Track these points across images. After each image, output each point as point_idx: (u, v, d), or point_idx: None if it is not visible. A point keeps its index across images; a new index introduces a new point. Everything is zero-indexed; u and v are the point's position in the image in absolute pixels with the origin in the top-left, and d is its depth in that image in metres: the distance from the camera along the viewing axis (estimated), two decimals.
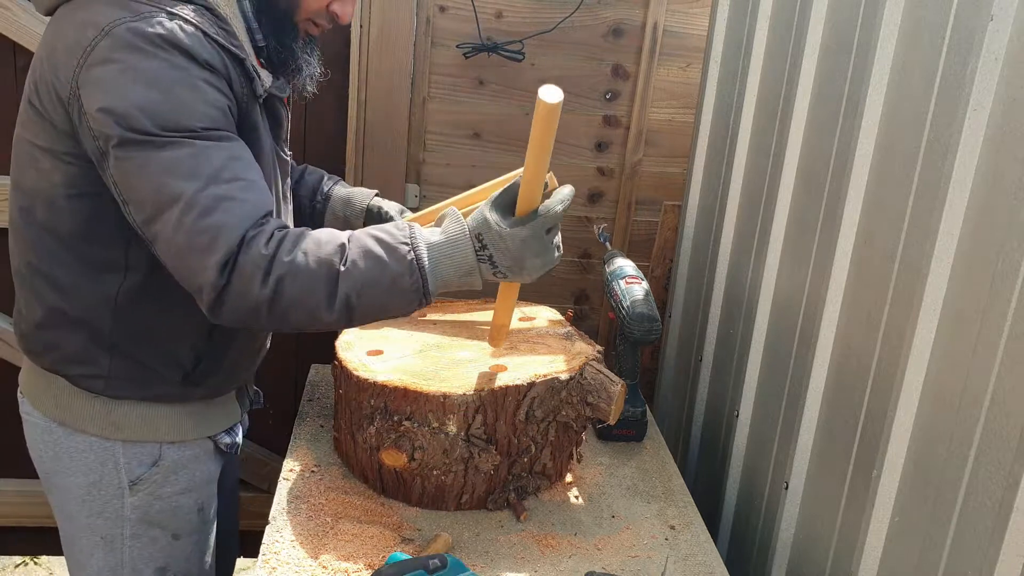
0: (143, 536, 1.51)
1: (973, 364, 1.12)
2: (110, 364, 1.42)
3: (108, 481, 1.47)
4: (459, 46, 2.26)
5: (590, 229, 2.44)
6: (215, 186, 1.22)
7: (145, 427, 1.47)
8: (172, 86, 1.23)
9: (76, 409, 1.45)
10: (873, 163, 1.39)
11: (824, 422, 1.51)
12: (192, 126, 1.23)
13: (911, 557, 1.23)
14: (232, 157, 1.26)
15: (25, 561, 2.99)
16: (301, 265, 1.23)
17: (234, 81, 1.31)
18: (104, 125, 1.22)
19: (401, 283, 1.27)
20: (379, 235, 1.29)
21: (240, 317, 1.26)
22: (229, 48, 1.31)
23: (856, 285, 1.43)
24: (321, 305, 1.25)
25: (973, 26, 1.14)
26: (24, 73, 2.15)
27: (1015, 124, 1.07)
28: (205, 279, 1.21)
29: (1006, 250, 1.07)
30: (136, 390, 1.45)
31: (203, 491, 1.56)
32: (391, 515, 1.56)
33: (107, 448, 1.46)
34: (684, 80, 2.37)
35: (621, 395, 1.58)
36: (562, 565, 1.47)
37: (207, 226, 1.20)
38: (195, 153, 1.22)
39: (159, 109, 1.21)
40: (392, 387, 1.52)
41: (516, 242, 1.32)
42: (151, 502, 1.50)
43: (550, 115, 1.29)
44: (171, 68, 1.23)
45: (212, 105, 1.26)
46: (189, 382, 1.47)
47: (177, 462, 1.51)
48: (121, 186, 1.25)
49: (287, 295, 1.23)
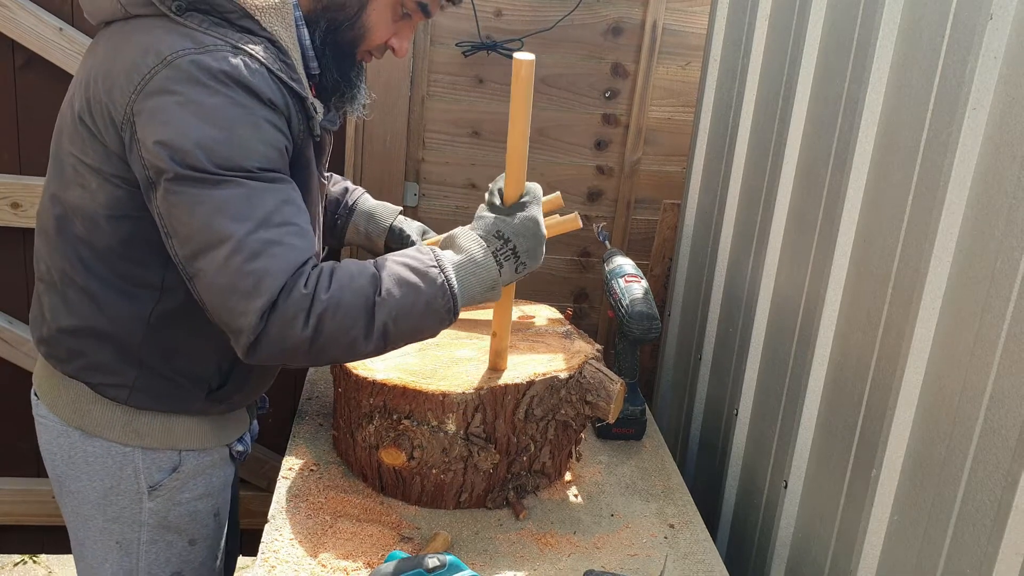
0: (159, 541, 1.51)
1: (972, 363, 1.12)
2: (136, 377, 1.42)
3: (126, 486, 1.47)
4: (458, 44, 2.26)
5: (589, 228, 2.44)
6: (265, 230, 1.21)
7: (165, 435, 1.47)
8: (233, 124, 1.21)
9: (96, 416, 1.44)
10: (872, 162, 1.39)
11: (823, 421, 1.52)
12: (249, 166, 1.22)
13: (910, 556, 1.23)
14: (284, 201, 1.25)
15: (24, 560, 3.00)
16: (339, 300, 1.23)
17: (293, 119, 1.30)
18: (158, 158, 1.20)
19: (434, 305, 1.29)
20: (408, 262, 1.30)
21: (276, 357, 1.25)
22: (291, 86, 1.29)
23: (855, 284, 1.43)
24: (360, 337, 1.25)
25: (972, 25, 1.14)
26: (23, 71, 2.15)
27: (1014, 123, 1.07)
28: (246, 322, 1.21)
29: (1005, 249, 1.07)
30: (160, 404, 1.45)
31: (219, 497, 1.57)
32: (390, 514, 1.56)
33: (126, 454, 1.46)
34: (683, 79, 2.37)
35: (620, 394, 1.58)
36: (561, 564, 1.47)
37: (253, 270, 1.19)
38: (248, 194, 1.21)
39: (217, 148, 1.20)
40: (391, 386, 1.52)
41: (532, 223, 1.37)
42: (169, 507, 1.50)
43: (527, 73, 1.34)
44: (233, 105, 1.21)
45: (270, 145, 1.25)
46: (213, 399, 1.48)
47: (196, 468, 1.51)
48: (167, 219, 1.24)
49: (327, 332, 1.23)
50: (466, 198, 2.41)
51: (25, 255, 2.30)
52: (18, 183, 2.20)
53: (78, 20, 2.13)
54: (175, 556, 1.53)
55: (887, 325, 1.32)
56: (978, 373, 1.11)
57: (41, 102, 2.18)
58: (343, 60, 1.42)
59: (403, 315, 1.27)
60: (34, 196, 2.20)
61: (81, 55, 2.11)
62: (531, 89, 1.38)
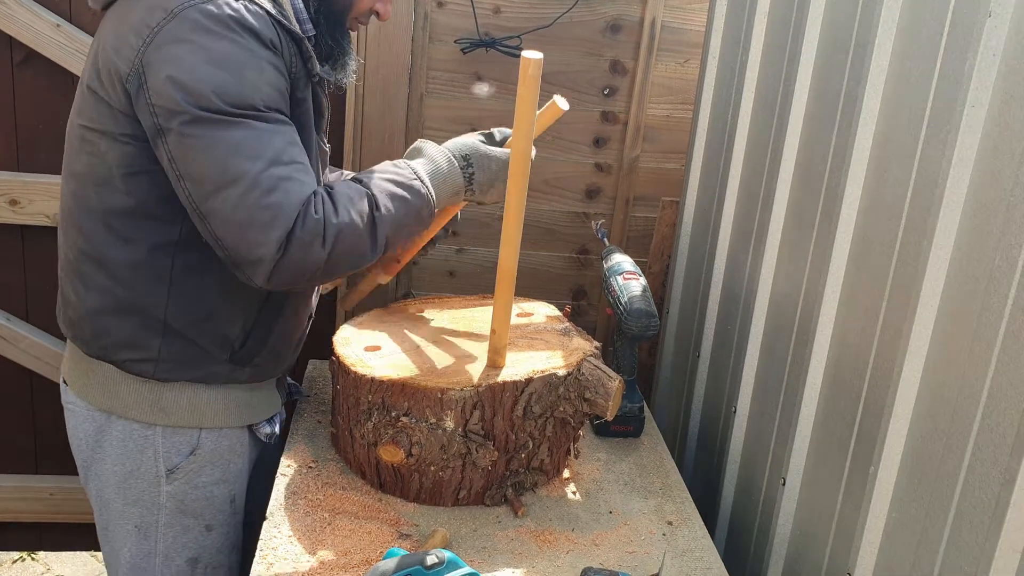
0: (176, 525, 1.54)
1: (970, 360, 1.13)
2: (160, 346, 1.46)
3: (146, 469, 1.51)
4: (457, 41, 2.26)
5: (588, 225, 2.44)
6: (276, 167, 1.29)
7: (191, 412, 1.51)
8: (241, 67, 1.29)
9: (124, 395, 1.49)
10: (871, 159, 1.39)
11: (821, 418, 1.52)
12: (257, 105, 1.30)
13: (908, 552, 1.24)
14: (289, 142, 1.34)
15: (23, 556, 3.00)
16: (348, 222, 1.35)
17: (288, 60, 1.38)
18: (170, 102, 1.27)
19: (422, 213, 1.45)
20: (392, 178, 1.43)
21: (293, 280, 1.35)
22: (289, 27, 1.37)
23: (853, 281, 1.43)
24: (367, 251, 1.39)
25: (971, 22, 1.14)
26: (20, 68, 2.15)
27: (1013, 120, 1.07)
28: (265, 252, 1.29)
29: (1003, 246, 1.07)
30: (185, 371, 1.49)
31: (236, 482, 1.60)
32: (388, 511, 1.56)
33: (147, 437, 1.50)
34: (682, 76, 2.37)
35: (619, 391, 1.59)
36: (559, 561, 1.47)
37: (269, 204, 1.28)
38: (258, 135, 1.29)
39: (229, 89, 1.27)
40: (390, 383, 1.52)
41: (499, 163, 1.53)
42: (187, 491, 1.53)
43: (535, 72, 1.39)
44: (240, 49, 1.29)
45: (273, 86, 1.33)
46: (236, 361, 1.52)
47: (213, 452, 1.54)
48: (179, 162, 1.30)
49: (340, 251, 1.34)
50: None
51: (24, 252, 2.30)
52: (16, 180, 2.20)
53: (76, 16, 2.13)
54: (192, 541, 1.56)
55: (885, 322, 1.32)
56: (976, 370, 1.11)
57: (38, 99, 2.18)
58: (335, 27, 1.50)
59: (399, 226, 1.42)
60: (32, 193, 2.20)
61: (79, 52, 2.11)
62: (538, 88, 1.40)
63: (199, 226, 1.33)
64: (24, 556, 3.00)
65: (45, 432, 2.44)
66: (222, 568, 1.61)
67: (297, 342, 1.68)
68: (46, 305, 2.34)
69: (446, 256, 2.45)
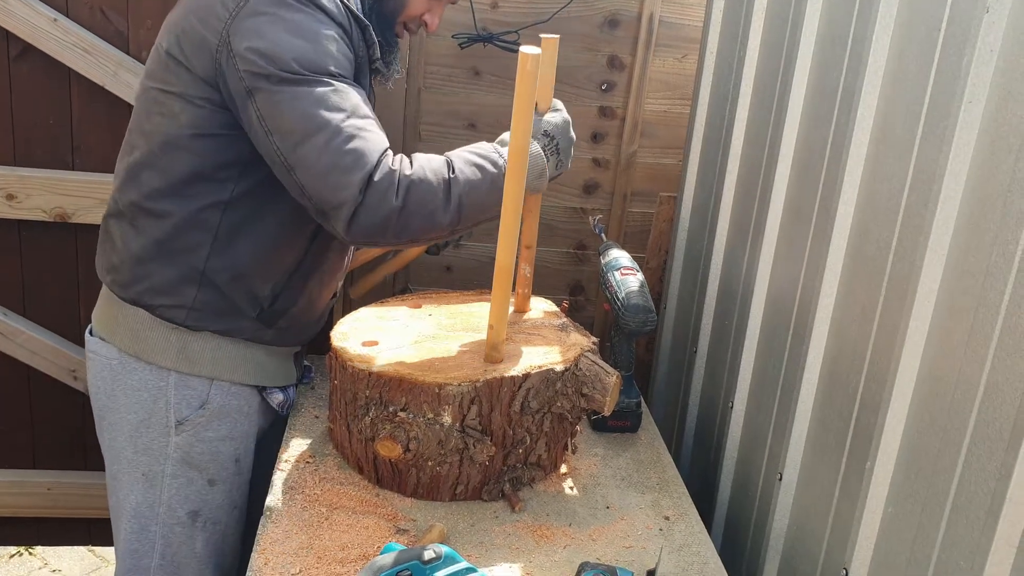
0: (181, 476, 1.61)
1: (966, 356, 1.13)
2: (196, 295, 1.56)
3: (157, 420, 1.60)
4: (455, 36, 2.26)
5: (585, 220, 2.44)
6: (355, 119, 1.42)
7: (212, 363, 1.60)
8: (317, 36, 1.43)
9: (151, 340, 1.58)
10: (868, 155, 1.39)
11: (818, 413, 1.52)
12: (333, 71, 1.43)
13: (904, 547, 1.24)
14: (363, 100, 1.47)
15: (20, 551, 3.00)
16: (422, 176, 1.44)
17: (356, 44, 1.51)
18: (257, 66, 1.40)
19: (499, 183, 1.48)
20: (472, 150, 1.53)
21: (372, 229, 1.43)
22: (356, 14, 1.51)
23: (850, 277, 1.43)
24: (439, 208, 1.45)
25: (969, 18, 1.14)
26: (16, 63, 2.14)
27: (1010, 116, 1.07)
28: (348, 195, 1.39)
29: (1000, 242, 1.07)
30: (214, 322, 1.59)
31: (242, 442, 1.65)
32: (386, 506, 1.57)
33: (160, 388, 1.59)
34: (680, 71, 2.37)
35: (616, 386, 1.59)
36: (557, 556, 1.48)
37: (351, 149, 1.40)
38: (337, 91, 1.42)
39: (306, 54, 1.41)
40: (387, 378, 1.52)
41: (567, 125, 1.61)
42: (193, 443, 1.60)
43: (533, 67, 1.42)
44: (315, 21, 1.43)
45: (344, 56, 1.47)
46: (263, 319, 1.62)
47: (222, 408, 1.61)
48: (268, 118, 1.41)
49: (413, 202, 1.42)
50: None
51: (20, 247, 2.29)
52: (13, 175, 2.19)
53: (73, 11, 2.12)
54: (194, 494, 1.62)
55: (882, 318, 1.32)
56: (972, 365, 1.11)
57: (35, 94, 2.17)
58: (385, 28, 1.64)
59: (473, 190, 1.47)
60: (29, 188, 2.19)
61: (76, 46, 2.10)
62: (536, 83, 1.40)
63: (285, 179, 1.44)
64: (21, 551, 3.00)
65: (42, 427, 2.44)
66: (221, 524, 1.66)
67: (320, 315, 1.77)
68: (43, 300, 2.34)
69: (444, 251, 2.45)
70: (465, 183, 1.46)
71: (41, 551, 3.00)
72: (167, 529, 1.62)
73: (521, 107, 1.41)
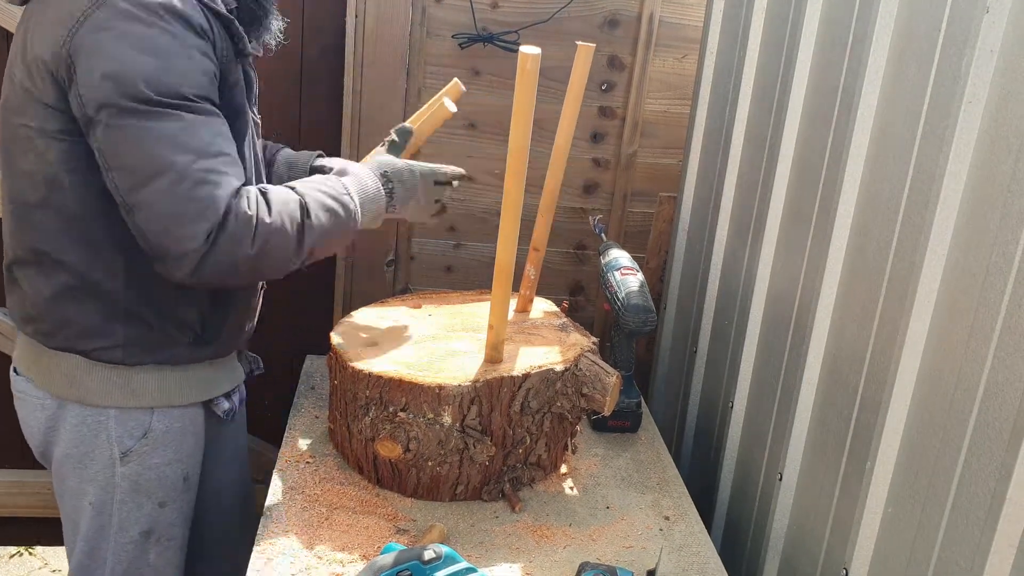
0: (130, 502, 1.55)
1: (967, 356, 1.13)
2: (124, 332, 1.46)
3: (100, 453, 1.51)
4: (455, 36, 2.26)
5: (585, 220, 2.44)
6: (204, 160, 1.29)
7: (160, 392, 1.52)
8: (169, 54, 1.28)
9: (90, 383, 1.48)
10: (868, 155, 1.39)
11: (818, 413, 1.52)
12: (187, 94, 1.29)
13: (904, 547, 1.24)
14: (217, 133, 1.33)
15: (20, 551, 3.00)
16: (280, 225, 1.36)
17: (217, 45, 1.36)
18: (99, 91, 1.26)
19: (348, 229, 1.48)
20: (325, 190, 1.46)
21: (219, 275, 1.34)
22: (216, 9, 1.36)
23: (850, 277, 1.43)
24: (292, 256, 1.40)
25: (969, 18, 1.14)
26: None
27: (1010, 116, 1.07)
28: (192, 246, 1.29)
29: (1000, 242, 1.07)
30: (151, 355, 1.49)
31: (189, 461, 1.60)
32: (386, 506, 1.57)
33: (100, 422, 1.50)
34: (680, 71, 2.37)
35: (616, 386, 1.59)
36: (557, 556, 1.48)
37: (198, 196, 1.28)
38: (186, 127, 1.29)
39: (157, 77, 1.26)
40: (387, 378, 1.52)
41: (416, 176, 1.60)
42: (140, 472, 1.54)
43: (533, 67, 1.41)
44: (168, 36, 1.28)
45: (202, 73, 1.32)
46: (198, 343, 1.53)
47: (166, 434, 1.54)
48: (107, 153, 1.29)
49: (269, 252, 1.36)
50: (463, 190, 2.39)
51: None
52: None
53: None
54: (145, 517, 1.57)
55: (882, 317, 1.32)
56: (973, 365, 1.11)
57: None
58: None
59: (326, 237, 1.44)
60: None
61: None
62: (535, 83, 1.40)
63: (126, 218, 1.32)
64: (21, 551, 3.00)
65: None
66: (175, 540, 1.62)
67: (252, 316, 1.69)
68: None
69: (444, 251, 2.45)
70: (319, 230, 1.41)
71: (41, 551, 3.00)
72: (119, 548, 1.56)
73: (521, 107, 1.41)
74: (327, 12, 2.24)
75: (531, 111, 1.41)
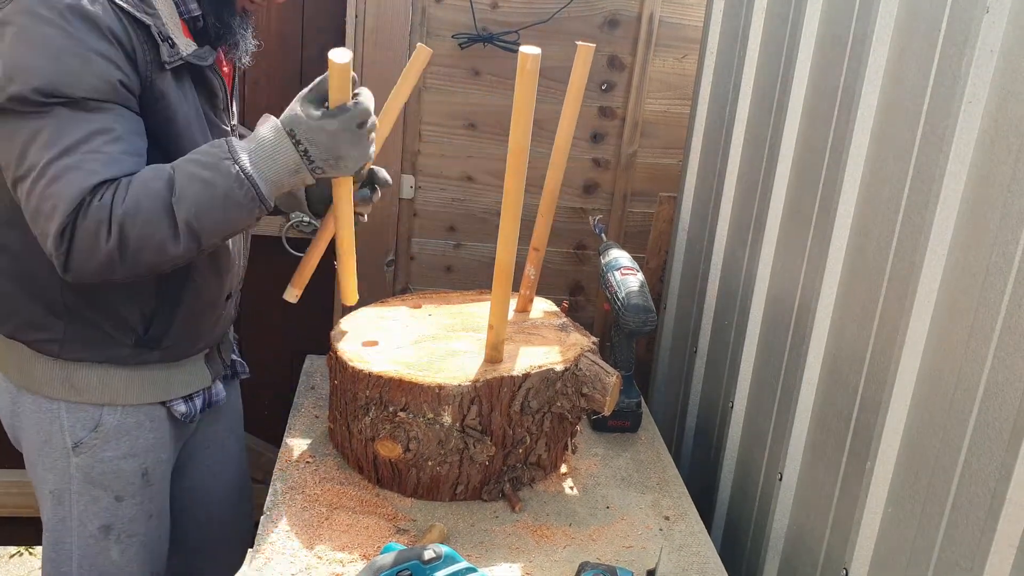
0: (86, 495, 1.55)
1: (967, 356, 1.13)
2: (65, 328, 1.46)
3: (56, 441, 1.53)
4: (455, 36, 2.26)
5: (585, 220, 2.44)
6: (68, 156, 1.25)
7: (101, 390, 1.50)
8: (60, 54, 1.25)
9: (36, 373, 1.50)
10: (868, 155, 1.39)
11: (818, 413, 1.52)
12: (71, 95, 1.25)
13: (904, 547, 1.24)
14: (97, 131, 1.28)
15: (20, 551, 3.00)
16: (136, 207, 1.27)
17: (137, 51, 1.32)
18: None
19: (234, 196, 1.31)
20: (199, 158, 1.33)
21: (93, 273, 1.30)
22: (135, 15, 1.31)
23: (850, 277, 1.43)
24: (167, 238, 1.29)
25: (969, 18, 1.14)
26: None
27: (1010, 116, 1.07)
28: (51, 245, 1.27)
29: (1000, 242, 1.07)
30: (90, 353, 1.48)
31: (148, 456, 1.58)
32: (386, 506, 1.57)
33: (53, 411, 1.51)
34: (680, 71, 2.37)
35: (616, 386, 1.59)
36: (557, 556, 1.48)
37: (51, 194, 1.25)
38: (60, 124, 1.25)
39: (42, 76, 1.24)
40: (387, 378, 1.52)
41: (327, 134, 1.36)
42: (93, 464, 1.54)
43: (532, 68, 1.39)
44: (65, 36, 1.25)
45: (100, 77, 1.27)
46: (142, 345, 1.50)
47: (118, 428, 1.53)
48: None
49: (132, 238, 1.27)
50: (463, 190, 2.41)
51: None
52: None
53: None
54: (102, 510, 1.57)
55: (882, 318, 1.32)
56: (973, 365, 1.11)
57: None
58: (222, 9, 1.46)
59: (203, 210, 1.30)
60: None
61: None
62: (535, 83, 1.40)
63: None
64: (22, 551, 3.00)
65: None
66: (137, 537, 1.60)
67: (215, 321, 1.62)
68: None
69: (444, 251, 2.45)
70: (192, 204, 1.29)
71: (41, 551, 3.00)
72: (81, 542, 1.57)
73: (521, 107, 1.41)
74: (327, 12, 2.24)
75: (531, 111, 1.42)
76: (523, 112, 1.41)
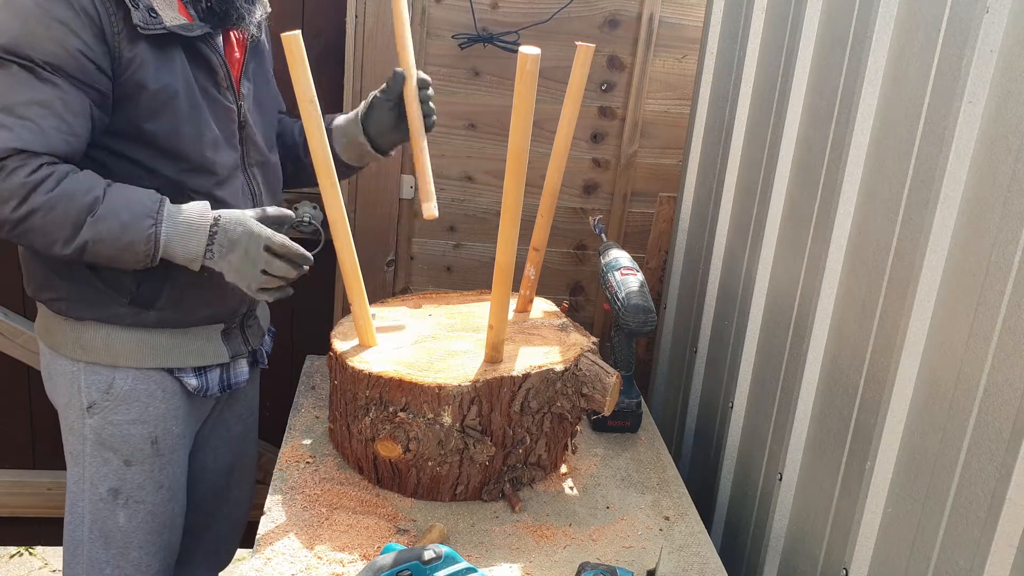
0: (97, 456, 1.61)
1: (966, 356, 1.13)
2: (69, 288, 1.54)
3: (75, 402, 1.61)
4: (455, 37, 2.26)
5: (585, 220, 2.44)
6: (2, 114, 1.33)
7: (106, 351, 1.57)
8: (27, 17, 1.34)
9: (55, 332, 1.60)
10: (868, 155, 1.39)
11: (818, 413, 1.52)
12: (30, 55, 1.33)
13: (904, 547, 1.24)
14: (40, 102, 1.35)
15: (20, 552, 3.00)
16: (54, 205, 1.35)
17: (104, 20, 1.37)
18: None
19: (135, 249, 1.41)
20: (132, 202, 1.41)
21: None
22: None
23: (850, 277, 1.43)
24: (61, 241, 1.38)
25: (969, 18, 1.14)
26: None
27: (1010, 117, 1.07)
28: None
29: (1000, 242, 1.07)
30: (92, 311, 1.55)
31: (157, 424, 1.62)
32: (386, 506, 1.57)
33: (73, 372, 1.59)
34: (680, 71, 2.37)
35: (616, 386, 1.59)
36: (557, 556, 1.48)
37: None
38: (11, 82, 1.34)
39: (9, 34, 1.33)
40: (387, 378, 1.52)
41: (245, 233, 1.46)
42: (104, 426, 1.60)
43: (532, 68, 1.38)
44: (35, 4, 1.33)
45: (60, 45, 1.35)
46: (137, 304, 1.55)
47: (129, 393, 1.59)
48: None
49: (34, 224, 1.36)
50: (462, 191, 2.41)
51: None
52: None
53: None
54: (111, 473, 1.62)
55: (882, 318, 1.32)
56: (972, 366, 1.11)
57: None
58: None
59: (105, 243, 1.39)
60: None
61: None
62: (535, 84, 1.40)
63: None
64: (22, 551, 3.00)
65: (42, 427, 2.44)
66: (144, 504, 1.64)
67: (216, 295, 1.61)
68: None
69: (444, 251, 2.45)
70: (100, 233, 1.38)
71: (41, 551, 3.00)
72: (92, 504, 1.63)
73: (521, 107, 1.41)
74: (327, 13, 2.24)
75: (531, 111, 1.42)
76: (523, 112, 1.41)
